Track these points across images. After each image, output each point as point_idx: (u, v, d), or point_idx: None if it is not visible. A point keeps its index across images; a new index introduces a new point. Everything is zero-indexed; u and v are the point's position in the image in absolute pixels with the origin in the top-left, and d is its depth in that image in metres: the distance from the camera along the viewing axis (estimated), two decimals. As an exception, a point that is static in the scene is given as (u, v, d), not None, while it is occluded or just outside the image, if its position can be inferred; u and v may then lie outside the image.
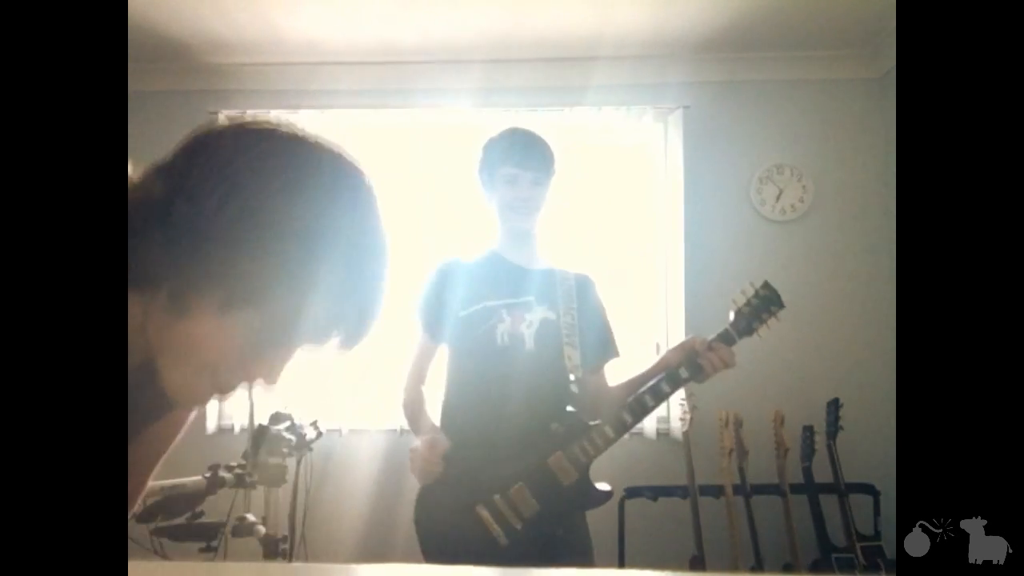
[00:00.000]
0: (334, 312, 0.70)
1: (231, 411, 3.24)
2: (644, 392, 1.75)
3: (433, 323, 1.82)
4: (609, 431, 1.72)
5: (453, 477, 1.69)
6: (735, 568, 2.79)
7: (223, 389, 0.72)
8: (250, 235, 0.65)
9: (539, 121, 3.24)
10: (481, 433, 1.72)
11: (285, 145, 0.69)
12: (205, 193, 0.65)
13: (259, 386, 0.73)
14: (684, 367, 1.74)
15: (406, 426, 1.91)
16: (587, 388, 1.86)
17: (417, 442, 1.71)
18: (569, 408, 1.78)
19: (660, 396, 1.75)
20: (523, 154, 1.79)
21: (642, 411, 1.74)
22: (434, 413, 1.83)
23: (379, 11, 3.02)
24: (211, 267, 0.65)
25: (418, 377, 1.84)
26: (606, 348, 1.93)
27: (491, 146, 1.85)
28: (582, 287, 1.90)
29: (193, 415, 0.79)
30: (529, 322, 1.78)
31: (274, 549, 2.50)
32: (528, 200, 1.79)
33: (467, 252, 1.91)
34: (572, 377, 1.80)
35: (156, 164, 0.68)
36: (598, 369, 1.91)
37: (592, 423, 1.75)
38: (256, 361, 0.71)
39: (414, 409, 1.81)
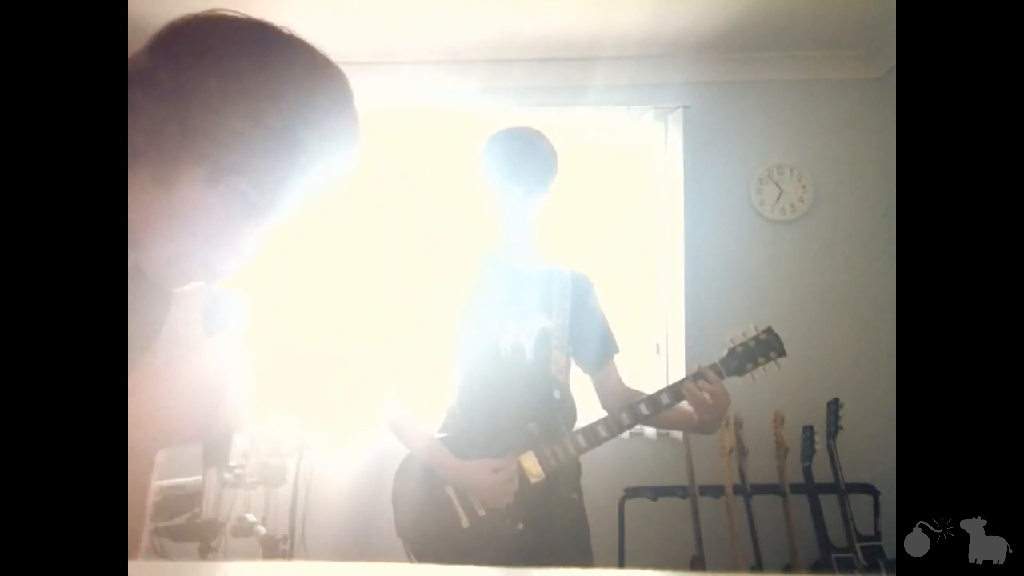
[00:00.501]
0: (308, 182, 0.72)
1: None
2: (623, 409, 1.76)
3: (431, 327, 1.80)
4: (581, 441, 1.74)
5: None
6: (735, 568, 2.79)
7: (211, 270, 0.72)
8: (233, 103, 0.67)
9: (539, 121, 3.24)
10: (483, 439, 1.73)
11: (262, 25, 0.72)
12: (188, 63, 0.67)
13: (241, 264, 0.74)
14: (667, 392, 1.74)
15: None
16: (602, 386, 1.93)
17: (469, 470, 1.69)
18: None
19: (637, 417, 1.76)
20: (515, 166, 1.73)
21: (618, 428, 1.75)
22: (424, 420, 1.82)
23: (379, 11, 3.02)
24: (195, 136, 0.66)
25: (409, 381, 1.81)
26: (606, 345, 1.94)
27: (488, 151, 1.78)
28: (577, 286, 1.89)
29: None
30: (529, 332, 1.79)
31: (274, 549, 2.50)
32: (520, 212, 1.76)
33: (466, 252, 1.90)
34: (555, 383, 1.80)
35: (144, 45, 0.69)
36: (603, 366, 1.93)
37: (569, 431, 1.78)
38: (243, 235, 0.72)
39: (408, 421, 1.78)
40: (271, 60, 0.69)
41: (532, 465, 1.72)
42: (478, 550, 1.66)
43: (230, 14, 0.72)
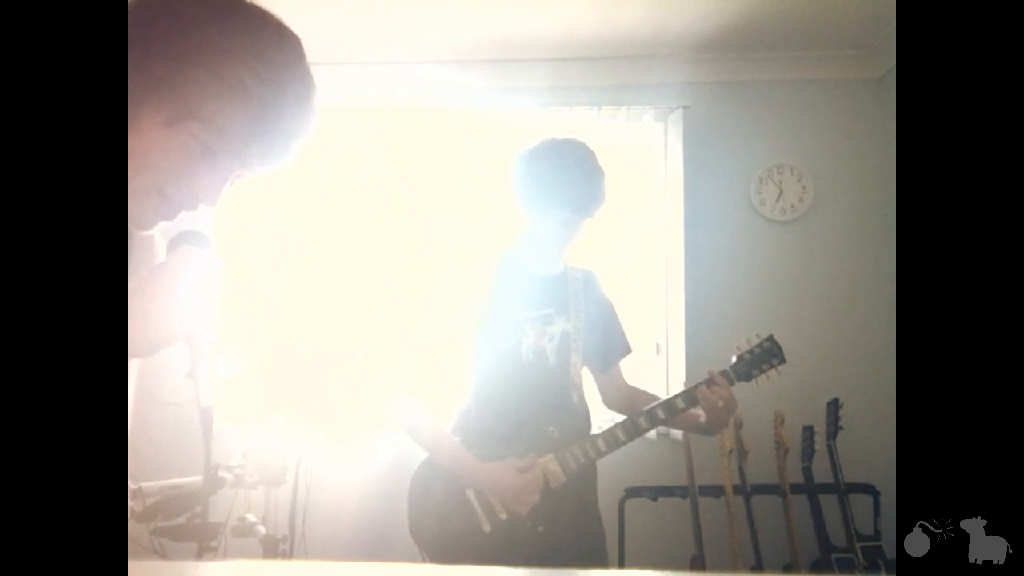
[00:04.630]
0: (261, 130, 0.78)
1: (231, 412, 3.24)
2: (640, 414, 1.78)
3: (443, 328, 1.77)
4: (601, 445, 1.75)
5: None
6: (735, 568, 2.79)
7: (171, 209, 0.79)
8: (191, 55, 0.74)
9: (539, 121, 3.24)
10: (501, 442, 1.72)
11: None
12: (153, 18, 0.74)
13: (200, 208, 0.80)
14: (681, 397, 1.79)
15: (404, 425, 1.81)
16: (607, 386, 1.95)
17: (490, 473, 1.67)
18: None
19: (654, 421, 1.79)
20: (589, 201, 1.74)
21: (636, 432, 1.78)
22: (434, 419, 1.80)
23: (379, 13, 3.02)
24: (157, 84, 0.73)
25: (421, 383, 1.79)
26: (619, 345, 1.96)
27: (553, 177, 1.71)
28: (588, 285, 1.91)
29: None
30: (551, 336, 1.78)
31: (274, 549, 2.50)
32: (559, 238, 1.78)
33: (479, 253, 1.88)
34: (573, 386, 1.81)
35: None
36: (611, 366, 1.95)
37: (586, 433, 1.79)
38: (199, 175, 0.78)
39: (427, 423, 1.75)
40: (227, 20, 0.76)
41: (553, 468, 1.72)
42: (497, 554, 1.65)
43: None
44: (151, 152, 0.74)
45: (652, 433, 3.21)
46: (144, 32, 0.73)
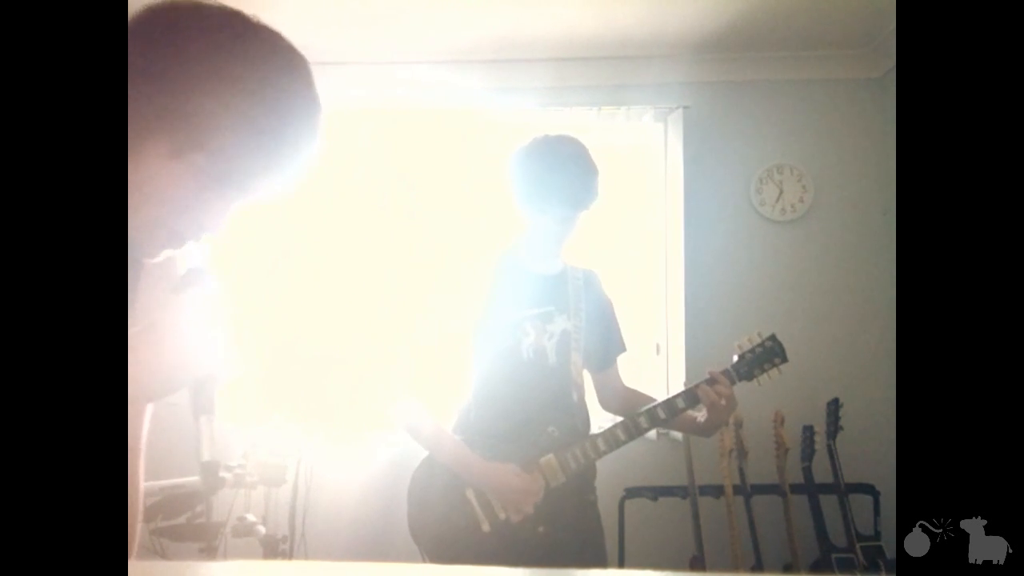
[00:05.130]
0: (268, 159, 0.76)
1: (231, 412, 3.24)
2: (640, 414, 1.79)
3: (443, 327, 1.77)
4: (601, 444, 1.75)
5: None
6: (735, 568, 2.79)
7: (177, 238, 0.77)
8: (198, 84, 0.71)
9: (539, 121, 3.24)
10: (501, 441, 1.72)
11: (232, 14, 0.76)
12: (159, 46, 0.71)
13: (205, 237, 0.79)
14: (682, 396, 1.79)
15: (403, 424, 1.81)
16: (604, 386, 1.95)
17: (490, 474, 1.68)
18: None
19: (654, 420, 1.80)
20: (584, 195, 1.73)
21: (636, 432, 1.78)
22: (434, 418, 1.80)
23: (379, 13, 3.02)
24: (161, 113, 0.71)
25: (421, 382, 1.79)
26: (614, 344, 1.96)
27: (548, 174, 1.71)
28: (589, 284, 1.91)
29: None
30: (551, 334, 1.78)
31: (274, 549, 2.51)
32: (555, 235, 1.78)
33: (479, 252, 1.88)
34: (574, 385, 1.81)
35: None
36: (609, 366, 1.95)
37: (586, 432, 1.80)
38: (205, 206, 0.76)
39: (428, 422, 1.75)
40: (235, 46, 0.73)
41: (553, 468, 1.72)
42: (497, 554, 1.65)
43: (204, 2, 0.76)
44: (156, 184, 0.72)
45: (652, 433, 3.21)
46: (149, 60, 0.70)
